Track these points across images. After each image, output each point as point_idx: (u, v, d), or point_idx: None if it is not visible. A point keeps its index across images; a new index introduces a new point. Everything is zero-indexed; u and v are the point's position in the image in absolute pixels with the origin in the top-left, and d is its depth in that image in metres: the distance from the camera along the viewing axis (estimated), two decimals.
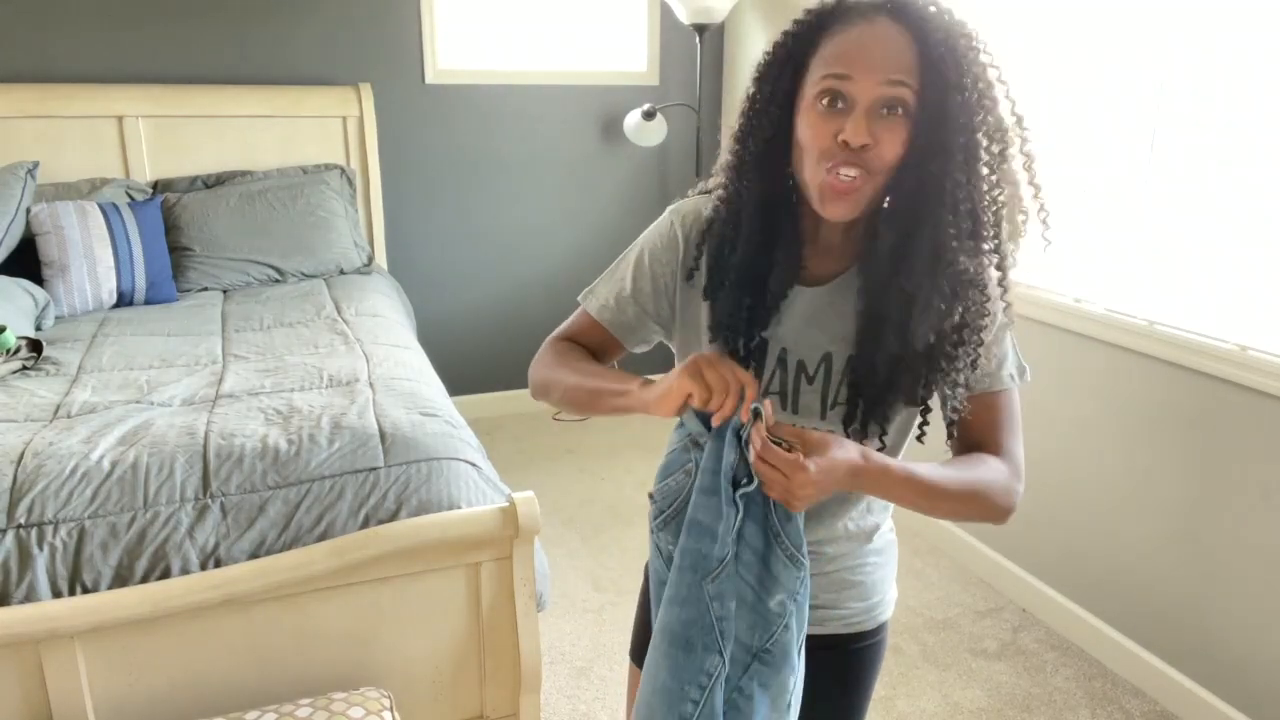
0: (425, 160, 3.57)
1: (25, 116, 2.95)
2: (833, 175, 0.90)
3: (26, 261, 2.70)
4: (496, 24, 3.55)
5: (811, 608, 1.05)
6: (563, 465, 3.41)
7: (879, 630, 1.14)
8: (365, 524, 1.65)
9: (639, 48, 3.78)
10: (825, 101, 0.90)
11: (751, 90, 0.98)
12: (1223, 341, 1.93)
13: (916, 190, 0.91)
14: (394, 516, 1.66)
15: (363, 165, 3.41)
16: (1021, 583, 2.52)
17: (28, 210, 2.73)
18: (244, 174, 3.18)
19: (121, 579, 1.52)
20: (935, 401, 1.03)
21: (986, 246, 0.94)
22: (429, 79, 3.48)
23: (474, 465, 1.81)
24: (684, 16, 3.35)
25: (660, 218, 1.10)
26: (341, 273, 3.17)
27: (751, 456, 0.90)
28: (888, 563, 1.14)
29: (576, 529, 2.91)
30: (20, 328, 2.34)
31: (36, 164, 2.79)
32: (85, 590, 1.50)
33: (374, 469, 1.71)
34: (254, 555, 1.59)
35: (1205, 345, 1.95)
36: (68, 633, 1.45)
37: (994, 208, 0.93)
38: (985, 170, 0.92)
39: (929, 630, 2.40)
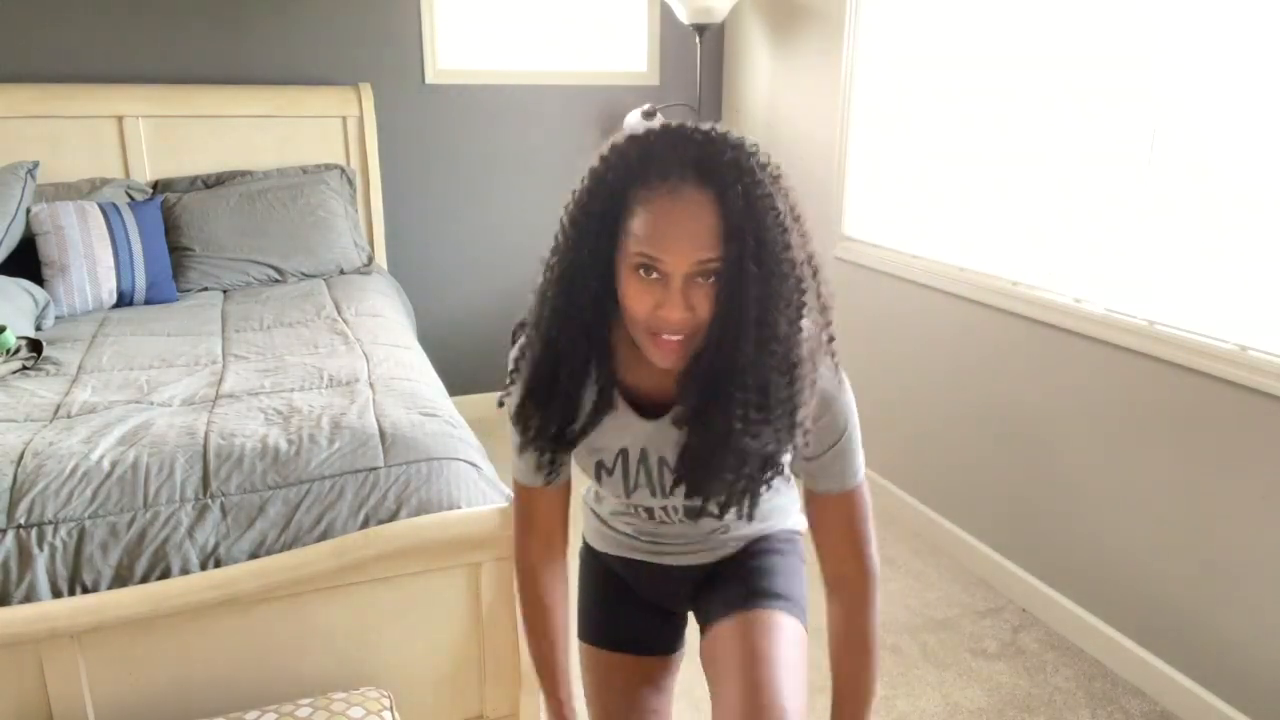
0: (425, 160, 3.57)
1: (25, 116, 2.95)
2: (659, 338, 0.95)
3: (26, 261, 2.70)
4: (496, 24, 3.55)
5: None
6: None
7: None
8: (365, 524, 1.65)
9: (639, 48, 3.78)
10: (641, 271, 0.93)
11: (571, 236, 0.99)
12: (1223, 341, 1.93)
13: (714, 358, 0.95)
14: (394, 516, 1.66)
15: (363, 165, 3.41)
16: (1021, 583, 2.52)
17: (28, 210, 2.73)
18: (244, 174, 3.18)
19: (121, 579, 1.52)
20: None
21: (780, 415, 0.97)
22: (429, 79, 3.49)
23: (474, 465, 1.81)
24: (684, 16, 3.35)
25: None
26: (341, 273, 3.17)
27: None
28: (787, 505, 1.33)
29: (576, 529, 2.90)
30: (20, 328, 2.34)
31: (36, 164, 2.79)
32: (85, 590, 1.50)
33: (374, 469, 1.71)
34: (254, 555, 1.59)
35: (1205, 345, 1.95)
36: (68, 633, 1.45)
37: (787, 377, 0.96)
38: (779, 337, 0.94)
39: (929, 630, 2.40)
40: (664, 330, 0.94)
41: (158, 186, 3.11)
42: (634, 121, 3.60)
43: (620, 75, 3.75)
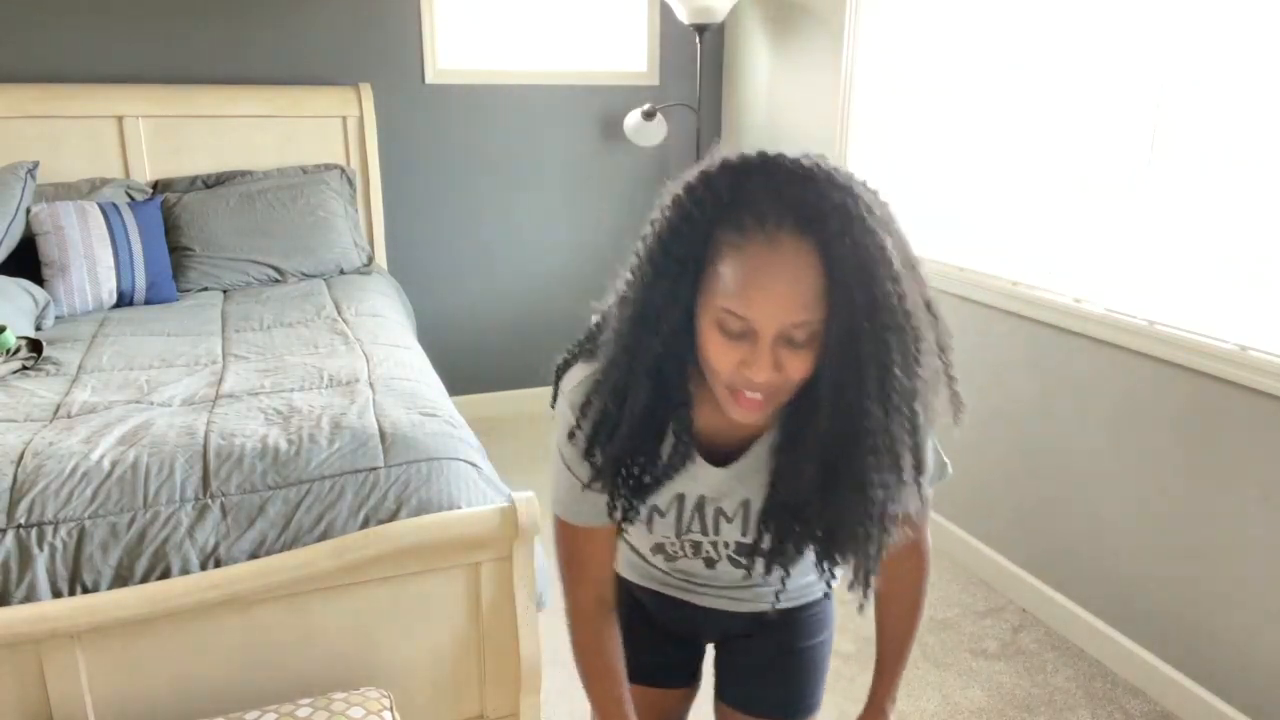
0: (425, 160, 3.57)
1: (25, 116, 2.95)
2: (739, 394, 0.87)
3: (26, 261, 2.70)
4: (496, 24, 3.55)
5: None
6: None
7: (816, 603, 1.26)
8: (365, 524, 1.65)
9: (639, 48, 3.78)
10: (726, 325, 0.83)
11: (647, 273, 0.88)
12: (1223, 341, 1.93)
13: (833, 420, 0.86)
14: (394, 516, 1.66)
15: (363, 165, 3.41)
16: (1021, 583, 2.52)
17: (28, 210, 2.73)
18: (244, 174, 3.18)
19: (121, 579, 1.52)
20: None
21: (908, 474, 0.89)
22: (429, 79, 3.49)
23: (474, 465, 1.81)
24: (684, 16, 3.35)
25: (559, 402, 1.05)
26: (341, 273, 3.17)
27: None
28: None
29: None
30: (20, 328, 2.34)
31: (36, 164, 2.79)
32: (85, 590, 1.50)
33: (374, 469, 1.71)
34: (254, 555, 1.59)
35: (1205, 345, 1.95)
36: (68, 633, 1.45)
37: (912, 435, 0.87)
38: (903, 391, 0.85)
39: (929, 630, 2.40)
40: (744, 387, 0.86)
41: (158, 186, 3.11)
42: (634, 122, 3.60)
43: (620, 75, 3.75)
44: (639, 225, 0.95)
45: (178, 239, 2.96)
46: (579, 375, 1.01)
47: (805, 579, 1.22)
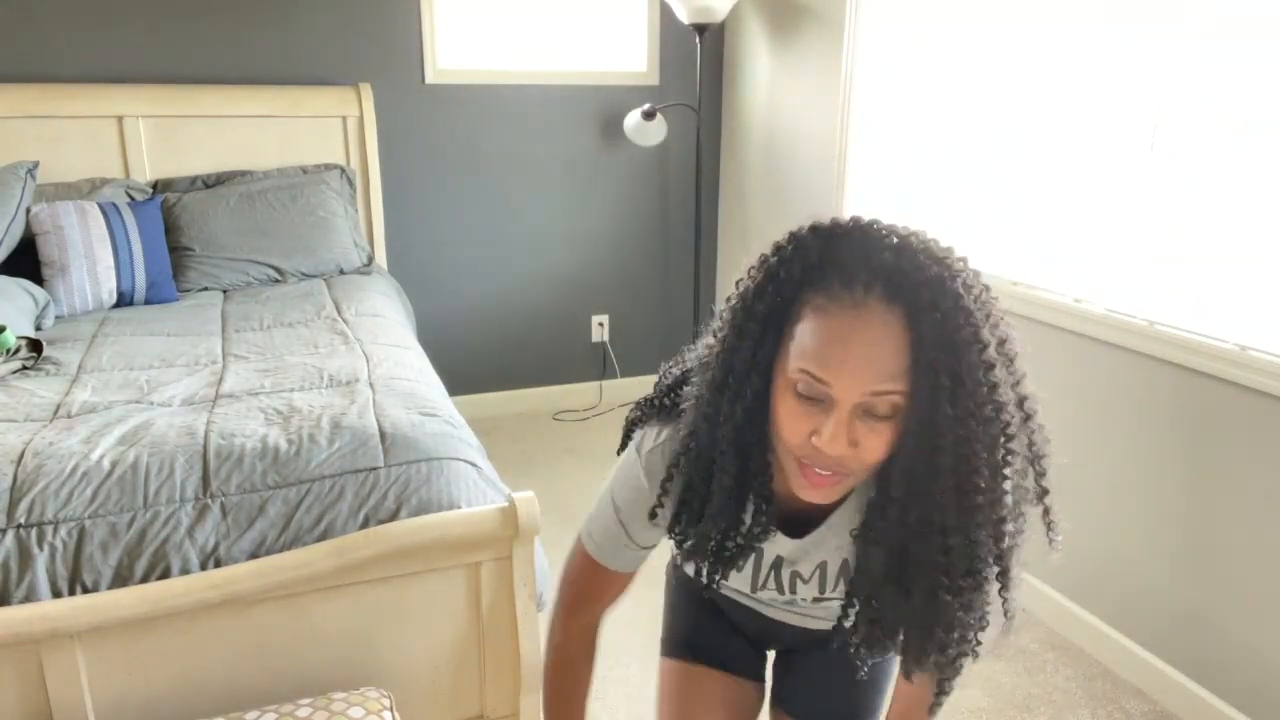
0: (425, 160, 3.57)
1: (25, 116, 2.95)
2: (808, 469, 0.82)
3: (26, 261, 2.70)
4: (496, 24, 3.55)
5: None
6: (563, 465, 3.41)
7: None
8: (365, 524, 1.65)
9: (639, 48, 3.78)
10: (801, 390, 0.80)
11: (729, 337, 0.85)
12: (1223, 341, 1.93)
13: (905, 507, 0.83)
14: (394, 516, 1.66)
15: (363, 165, 3.41)
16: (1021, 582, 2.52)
17: (28, 210, 2.73)
18: (244, 174, 3.18)
19: (121, 579, 1.52)
20: None
21: (983, 578, 0.84)
22: (429, 79, 3.49)
23: (474, 465, 1.81)
24: (684, 16, 3.35)
25: (627, 457, 1.03)
26: (341, 273, 3.17)
27: None
28: None
29: (576, 529, 2.91)
30: (20, 328, 2.34)
31: (36, 164, 2.79)
32: (85, 590, 1.50)
33: (374, 469, 1.71)
34: (254, 555, 1.59)
35: (1205, 345, 1.95)
36: (68, 633, 1.45)
37: (992, 533, 0.82)
38: (982, 489, 0.80)
39: None
40: (817, 463, 0.81)
41: (158, 186, 3.11)
42: (634, 122, 3.60)
43: (620, 75, 3.75)
44: (639, 225, 0.96)
45: (178, 239, 2.96)
46: (655, 438, 0.97)
47: None
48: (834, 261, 0.79)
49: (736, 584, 1.08)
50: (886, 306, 0.76)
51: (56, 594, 1.49)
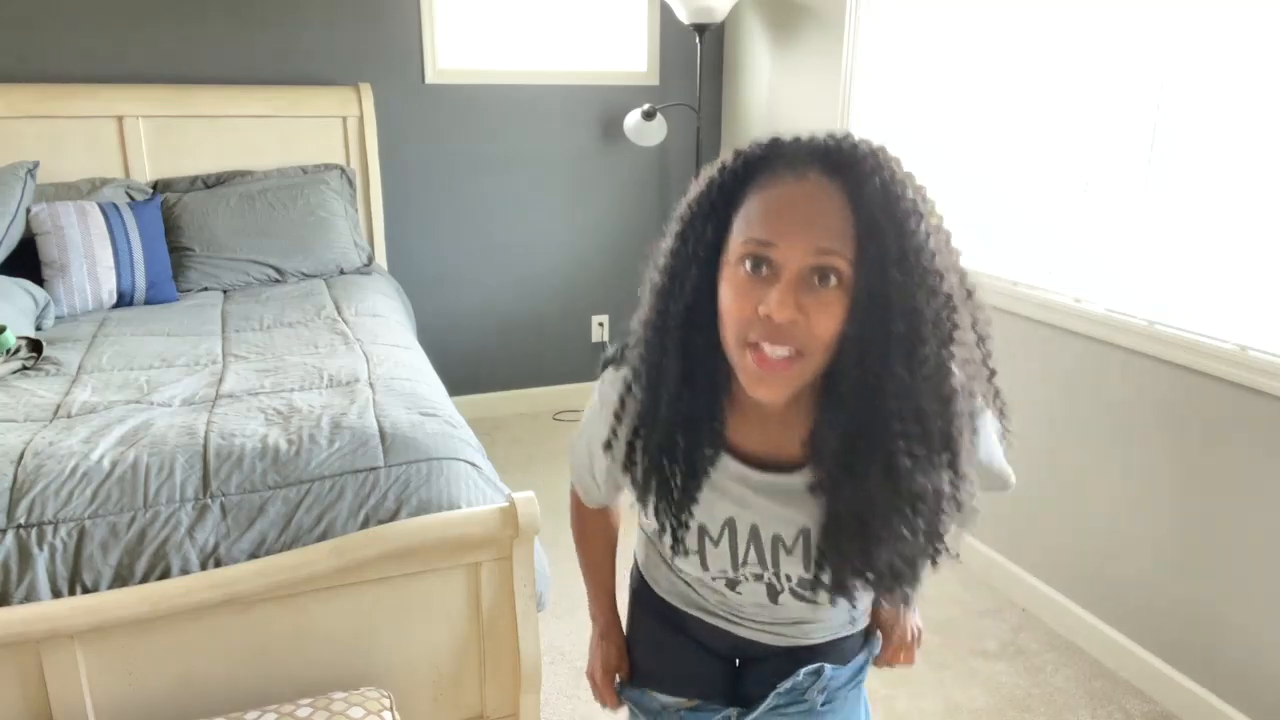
0: (425, 160, 3.57)
1: (25, 116, 2.95)
2: (758, 353, 0.80)
3: (26, 261, 2.70)
4: (496, 24, 3.55)
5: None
6: (563, 465, 3.41)
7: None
8: (365, 524, 1.65)
9: (639, 48, 3.78)
10: (748, 266, 0.79)
11: (673, 244, 0.87)
12: (1223, 341, 1.93)
13: (856, 383, 0.81)
14: (394, 516, 1.66)
15: (363, 165, 3.41)
16: (1021, 583, 2.52)
17: (28, 210, 2.73)
18: (244, 174, 3.18)
19: (121, 579, 1.52)
20: None
21: (938, 451, 0.83)
22: (429, 79, 3.49)
23: (474, 465, 1.81)
24: (684, 16, 3.35)
25: (593, 393, 1.04)
26: (341, 273, 3.17)
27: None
28: None
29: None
30: (20, 328, 2.34)
31: (36, 164, 2.79)
32: (85, 590, 1.50)
33: (374, 469, 1.71)
34: (254, 555, 1.59)
35: (1205, 345, 1.95)
36: (68, 633, 1.45)
37: (941, 405, 0.82)
38: (931, 358, 0.80)
39: (929, 630, 2.40)
40: (764, 338, 0.79)
41: (158, 186, 3.11)
42: (634, 122, 3.60)
43: (620, 75, 3.75)
44: (639, 226, 0.96)
45: (178, 239, 2.96)
46: (614, 371, 0.99)
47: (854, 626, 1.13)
48: (776, 153, 0.82)
49: (717, 565, 1.01)
50: (827, 179, 0.79)
51: (56, 594, 1.49)
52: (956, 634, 2.40)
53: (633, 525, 1.20)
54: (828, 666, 1.07)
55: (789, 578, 0.99)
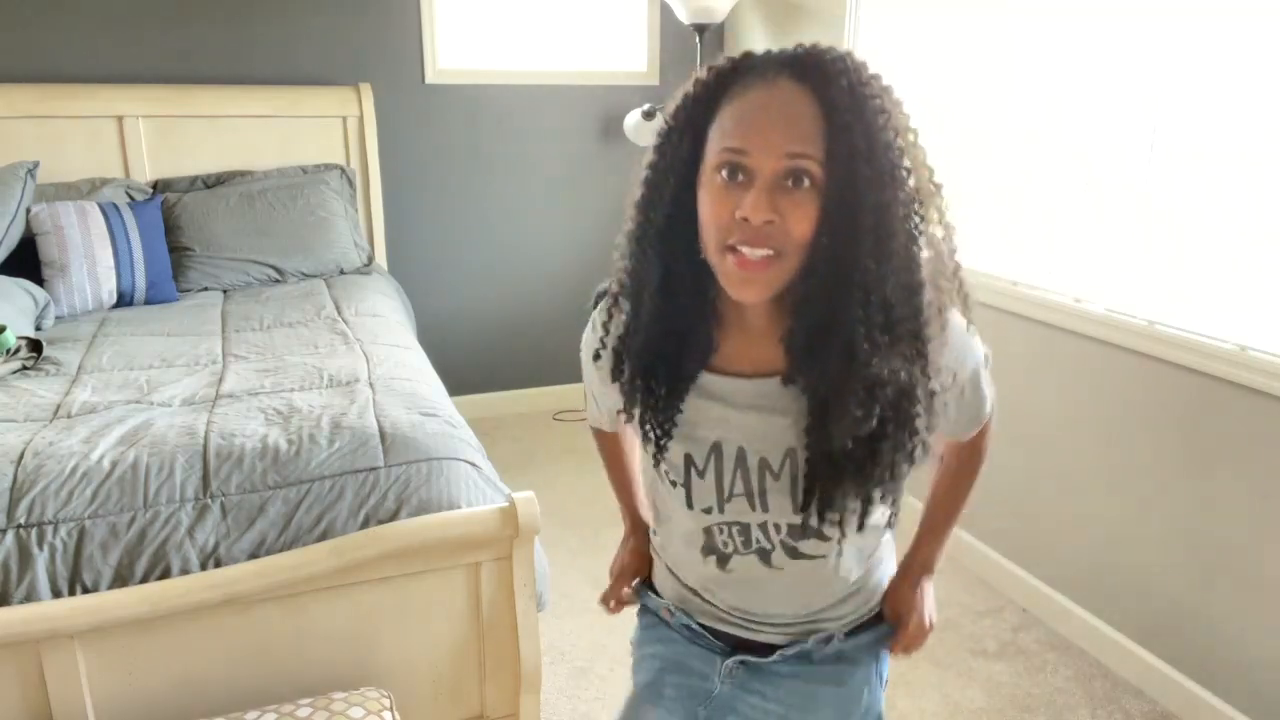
0: (425, 160, 3.57)
1: (25, 116, 2.95)
2: (738, 255, 0.84)
3: (26, 261, 2.70)
4: (496, 24, 3.55)
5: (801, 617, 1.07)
6: (563, 465, 3.41)
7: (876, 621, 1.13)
8: (365, 524, 1.65)
9: (639, 48, 3.78)
10: (724, 174, 0.83)
11: (652, 158, 0.91)
12: (1223, 341, 1.93)
13: (825, 276, 0.84)
14: (394, 516, 1.66)
15: (363, 165, 3.41)
16: (1021, 583, 2.52)
17: (28, 210, 2.73)
18: (244, 174, 3.18)
19: (121, 579, 1.52)
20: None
21: (905, 340, 0.86)
22: (429, 79, 3.49)
23: (474, 465, 1.81)
24: (684, 16, 3.35)
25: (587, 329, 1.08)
26: (341, 273, 3.17)
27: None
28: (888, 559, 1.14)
29: (576, 529, 2.91)
30: (20, 328, 2.34)
31: (36, 164, 2.79)
32: (85, 590, 1.50)
33: (374, 469, 1.71)
34: (254, 555, 1.59)
35: (1205, 345, 1.95)
36: (68, 633, 1.45)
37: (909, 296, 0.85)
38: (900, 252, 0.84)
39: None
40: (743, 240, 0.83)
41: (158, 186, 3.11)
42: (634, 122, 3.60)
43: (620, 75, 3.75)
44: None
45: (178, 239, 2.96)
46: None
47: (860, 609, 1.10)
48: (747, 65, 0.86)
49: (702, 501, 0.99)
50: (796, 84, 0.82)
51: (56, 594, 1.49)
52: (956, 634, 2.40)
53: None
54: (839, 634, 1.07)
55: (777, 527, 0.98)
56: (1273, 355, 1.83)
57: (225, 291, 2.97)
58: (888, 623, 1.12)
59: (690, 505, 1.00)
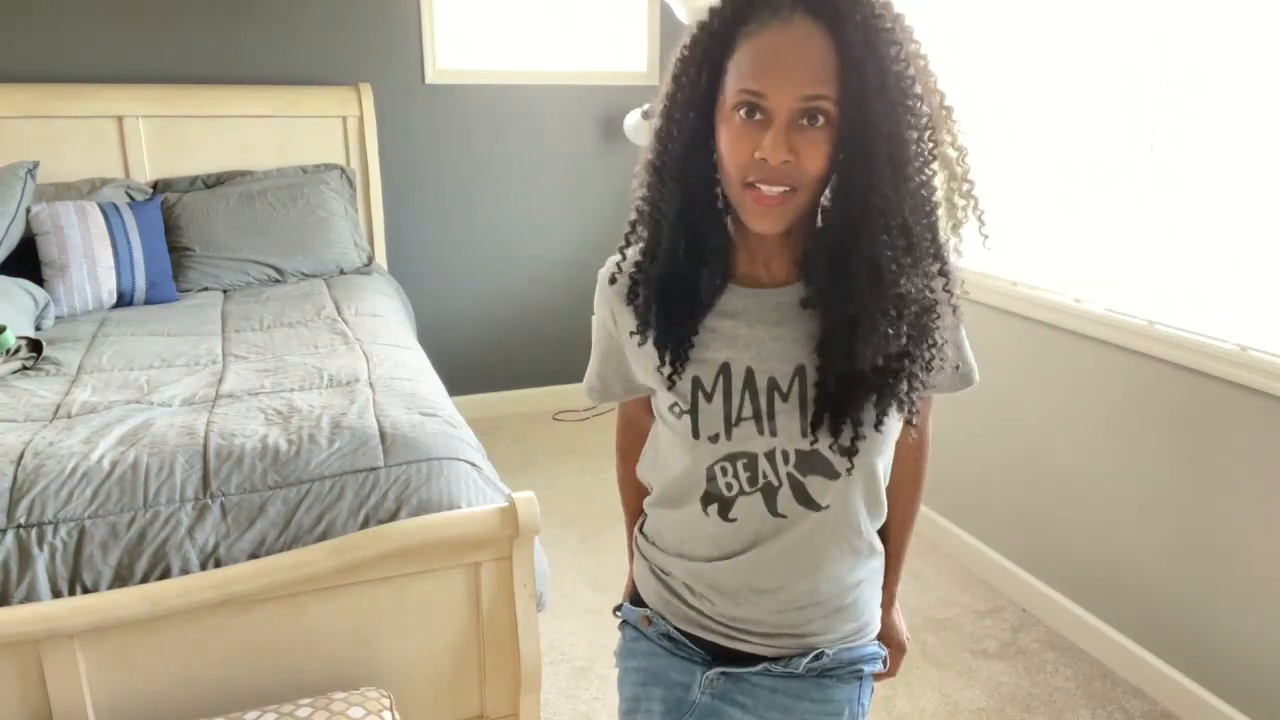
0: (425, 160, 3.57)
1: (25, 116, 2.95)
2: (756, 191, 0.87)
3: (26, 261, 2.70)
4: (496, 23, 3.55)
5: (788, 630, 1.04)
6: (563, 465, 3.41)
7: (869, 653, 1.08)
8: (365, 524, 1.65)
9: (639, 48, 3.78)
10: (743, 113, 0.85)
11: (670, 89, 0.93)
12: (1222, 341, 1.93)
13: (845, 205, 0.88)
14: (394, 516, 1.66)
15: (362, 165, 3.41)
16: (1021, 583, 2.52)
17: (28, 210, 2.73)
18: (244, 174, 3.18)
19: (121, 579, 1.52)
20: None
21: (925, 260, 0.90)
22: (429, 79, 3.49)
23: (474, 465, 1.81)
24: (684, 16, 3.35)
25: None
26: (341, 273, 3.17)
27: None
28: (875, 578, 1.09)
29: (576, 529, 2.91)
30: (20, 328, 2.34)
31: (36, 164, 2.79)
32: (85, 590, 1.50)
33: (374, 469, 1.71)
34: (254, 555, 1.59)
35: (1205, 345, 1.95)
36: (67, 633, 1.45)
37: (926, 219, 0.89)
38: (915, 177, 0.87)
39: (929, 630, 2.40)
40: (761, 178, 0.86)
41: (157, 186, 3.11)
42: (634, 122, 3.60)
43: (620, 75, 3.75)
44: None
45: (178, 239, 2.96)
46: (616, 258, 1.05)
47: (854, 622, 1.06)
48: (761, 1, 0.86)
49: (709, 427, 0.97)
50: (811, 21, 0.83)
51: (56, 594, 1.49)
52: (956, 634, 2.40)
53: None
54: (828, 650, 1.04)
55: (785, 455, 0.96)
56: (1272, 355, 1.83)
57: (225, 291, 2.97)
58: (877, 645, 1.09)
59: (696, 434, 0.98)
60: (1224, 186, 1.94)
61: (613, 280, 1.04)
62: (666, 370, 0.98)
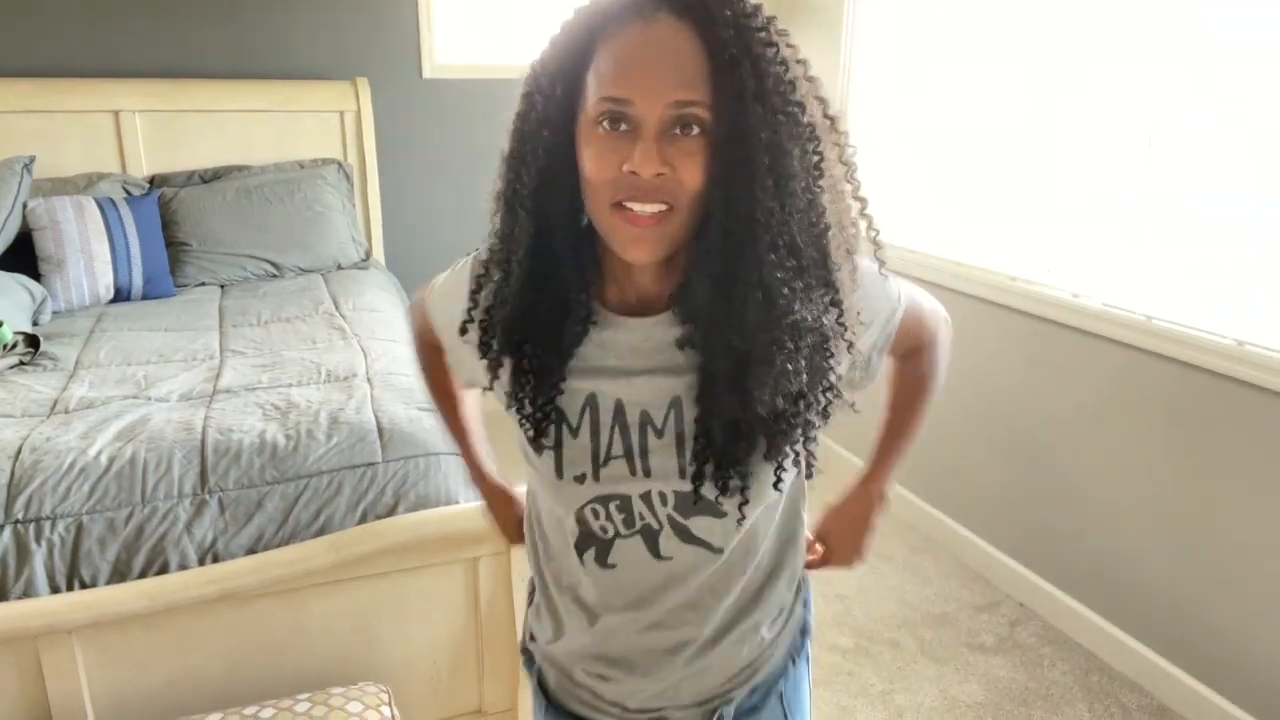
0: (423, 155, 3.56)
1: (22, 111, 2.94)
2: (626, 213, 0.76)
3: (23, 257, 2.69)
4: (494, 18, 3.54)
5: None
6: None
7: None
8: (363, 519, 1.65)
9: None
10: (606, 124, 0.75)
11: (521, 108, 0.84)
12: (1220, 337, 1.93)
13: (726, 223, 0.76)
14: (392, 511, 1.66)
15: (360, 160, 3.40)
16: (1019, 577, 2.53)
17: (24, 205, 2.72)
18: (241, 169, 3.17)
19: (119, 574, 1.52)
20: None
21: (816, 288, 0.79)
22: (426, 73, 3.48)
23: None
24: None
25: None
26: (339, 268, 3.17)
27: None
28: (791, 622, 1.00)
29: None
30: (17, 323, 2.33)
31: (33, 159, 2.78)
32: (83, 585, 1.50)
33: (372, 464, 1.71)
34: (252, 550, 1.59)
35: (1203, 340, 1.95)
36: (65, 628, 1.45)
37: (815, 241, 0.79)
38: (801, 194, 0.77)
39: (926, 625, 2.41)
40: (633, 196, 0.75)
41: (154, 181, 3.10)
42: None
43: None
44: None
45: (175, 234, 2.96)
46: (473, 259, 0.95)
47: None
48: (622, 2, 0.77)
49: (574, 467, 0.88)
50: (677, 20, 0.74)
51: (54, 589, 1.49)
52: (954, 628, 2.40)
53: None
54: (738, 699, 0.97)
55: (663, 497, 0.87)
56: (1270, 350, 1.83)
57: (223, 287, 2.96)
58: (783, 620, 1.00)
59: (560, 473, 0.89)
60: (1222, 181, 1.94)
61: (463, 330, 0.91)
62: (528, 432, 0.89)
